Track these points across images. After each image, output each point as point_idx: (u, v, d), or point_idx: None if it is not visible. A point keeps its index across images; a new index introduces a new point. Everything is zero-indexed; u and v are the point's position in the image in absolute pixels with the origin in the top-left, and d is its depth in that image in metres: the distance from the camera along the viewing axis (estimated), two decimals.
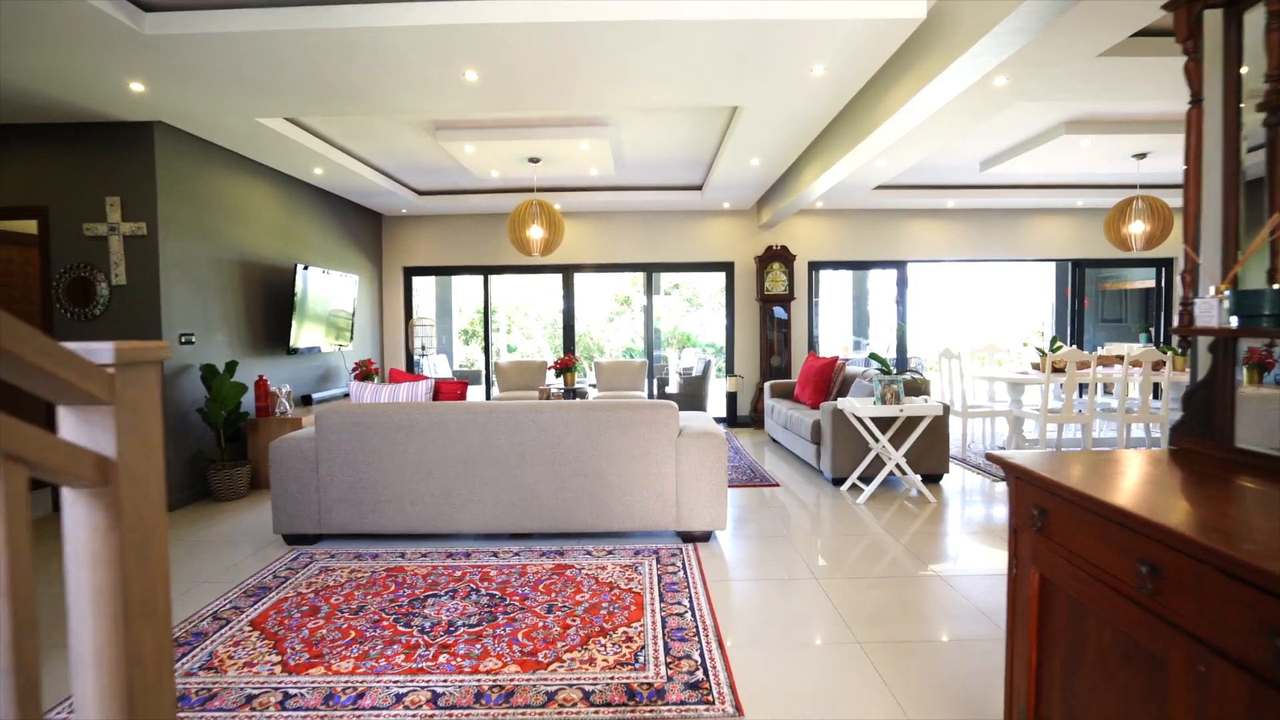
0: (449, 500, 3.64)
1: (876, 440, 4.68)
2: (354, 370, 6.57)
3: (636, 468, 3.60)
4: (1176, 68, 3.59)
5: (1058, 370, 5.67)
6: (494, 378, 8.45)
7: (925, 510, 4.34)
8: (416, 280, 8.64)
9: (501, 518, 3.65)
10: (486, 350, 8.73)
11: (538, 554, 3.52)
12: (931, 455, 4.87)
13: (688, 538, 3.70)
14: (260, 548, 3.75)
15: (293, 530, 3.72)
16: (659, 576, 3.19)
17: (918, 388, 4.94)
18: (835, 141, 4.85)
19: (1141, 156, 5.77)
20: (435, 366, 9.05)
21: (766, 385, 6.91)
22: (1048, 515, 1.48)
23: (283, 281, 5.84)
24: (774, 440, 6.69)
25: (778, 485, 4.99)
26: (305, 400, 6.07)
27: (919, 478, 4.68)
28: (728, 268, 8.22)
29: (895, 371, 4.61)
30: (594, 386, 8.12)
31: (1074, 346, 8.02)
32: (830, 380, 6.03)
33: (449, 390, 4.01)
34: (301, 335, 5.98)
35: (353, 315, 6.95)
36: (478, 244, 8.19)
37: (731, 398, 8.02)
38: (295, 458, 3.69)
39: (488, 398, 8.68)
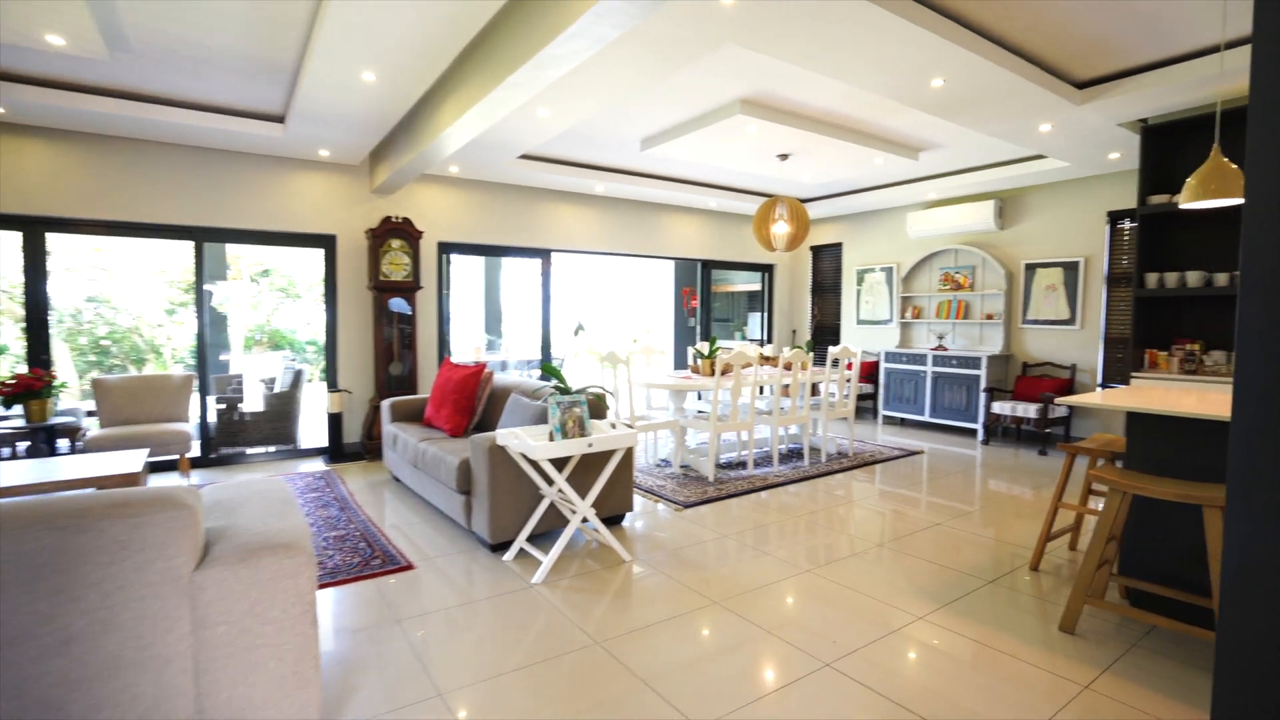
0: None
1: (552, 483, 3.39)
2: None
3: (82, 658, 1.53)
4: (908, 35, 3.12)
5: (719, 373, 5.25)
6: None
7: (619, 575, 3.21)
8: None
9: None
10: None
11: None
12: (616, 492, 3.81)
13: None
14: None
15: None
16: None
17: (599, 408, 3.82)
18: (495, 57, 3.36)
19: (784, 158, 5.77)
20: None
21: (386, 404, 5.06)
22: None
23: None
24: (398, 480, 4.89)
25: (412, 568, 3.30)
26: None
27: (602, 525, 3.55)
28: (327, 243, 6.02)
29: (574, 388, 3.37)
30: (94, 416, 5.05)
31: (704, 342, 8.19)
32: (475, 397, 4.55)
33: None
34: None
35: None
36: None
37: (335, 421, 5.88)
38: None
39: None
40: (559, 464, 3.50)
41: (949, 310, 7.47)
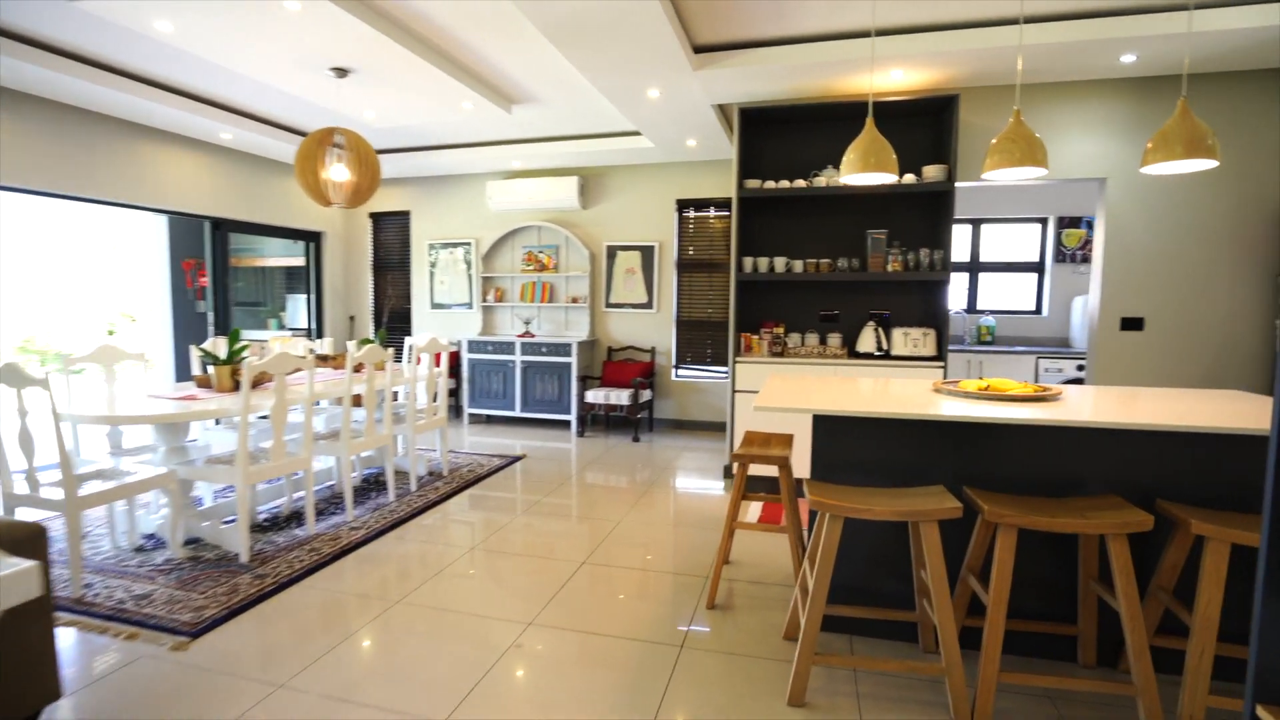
0: None
1: None
2: None
3: None
4: None
5: (249, 386, 3.37)
6: None
7: None
8: None
9: None
10: None
11: None
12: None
13: None
14: None
15: None
16: None
17: None
18: None
19: (343, 74, 4.04)
20: None
21: None
22: None
23: None
24: None
25: None
26: None
27: None
28: None
29: None
30: None
31: (220, 337, 5.68)
32: None
33: None
34: None
35: None
36: None
37: None
38: None
39: None
40: None
41: (534, 293, 6.87)
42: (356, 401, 4.67)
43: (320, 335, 7.51)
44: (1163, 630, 2.32)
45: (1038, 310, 5.98)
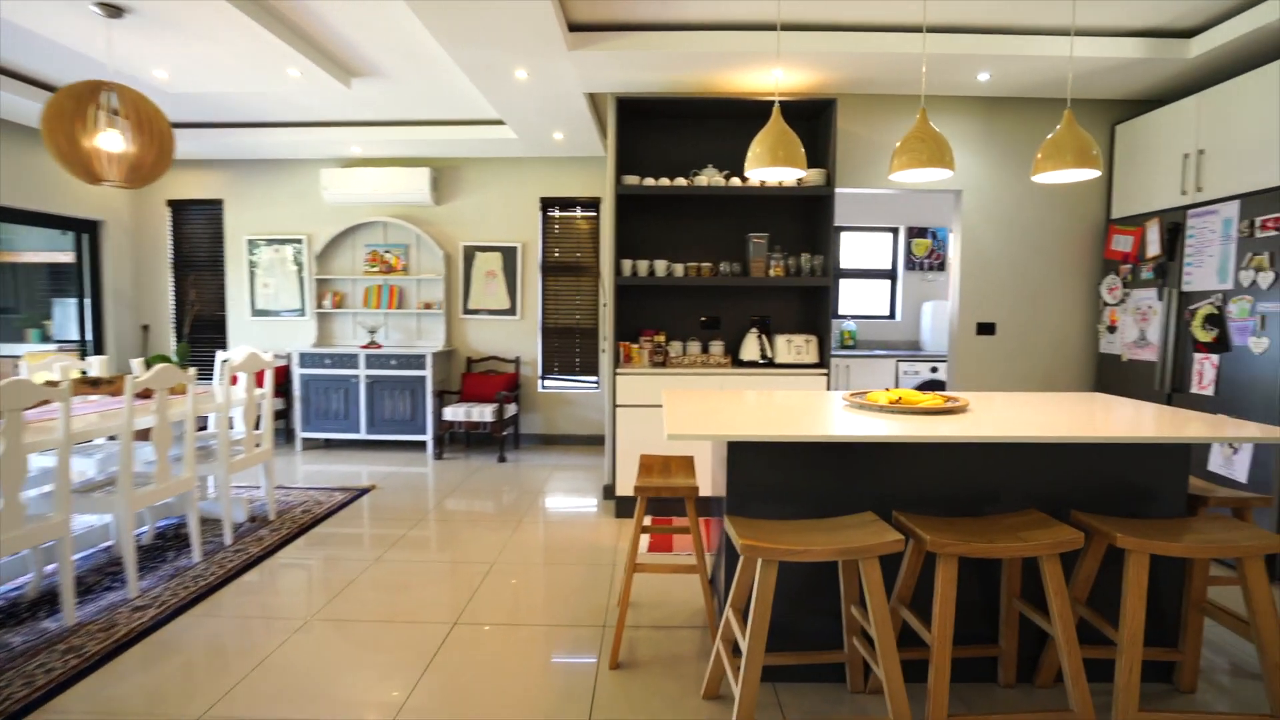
0: None
1: None
2: None
3: None
4: None
5: None
6: None
7: None
8: None
9: None
10: None
11: None
12: None
13: None
14: None
15: None
16: None
17: None
18: None
19: (115, 13, 3.11)
20: None
21: None
22: None
23: None
24: None
25: None
26: None
27: None
28: None
29: None
30: None
31: None
32: None
33: None
34: None
35: None
36: None
37: None
38: None
39: None
40: None
41: (380, 298, 6.07)
42: (147, 436, 3.71)
43: (99, 350, 6.13)
44: (1079, 640, 2.28)
45: (891, 315, 6.26)
